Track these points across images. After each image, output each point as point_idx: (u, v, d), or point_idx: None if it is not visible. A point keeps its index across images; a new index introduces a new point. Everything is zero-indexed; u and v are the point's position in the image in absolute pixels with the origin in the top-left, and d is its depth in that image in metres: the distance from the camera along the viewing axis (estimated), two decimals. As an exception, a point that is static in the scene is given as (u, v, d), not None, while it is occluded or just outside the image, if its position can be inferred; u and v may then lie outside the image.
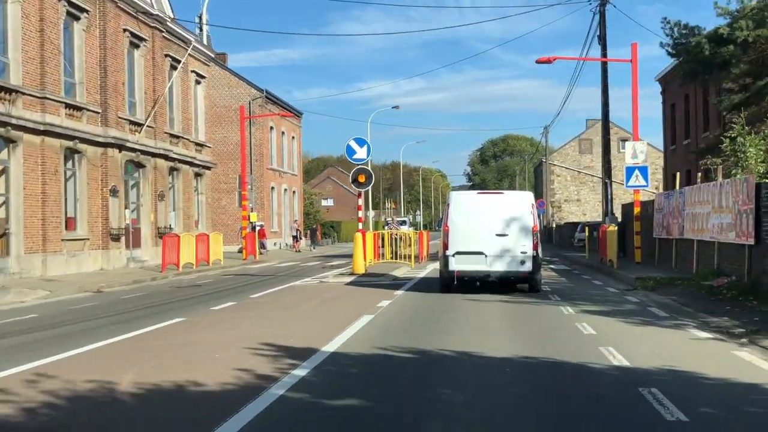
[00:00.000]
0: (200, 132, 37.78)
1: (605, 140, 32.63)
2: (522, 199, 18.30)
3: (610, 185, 32.47)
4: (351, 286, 20.14)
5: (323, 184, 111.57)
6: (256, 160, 47.69)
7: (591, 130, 73.99)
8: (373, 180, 22.57)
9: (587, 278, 23.03)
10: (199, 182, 37.77)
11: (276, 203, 50.82)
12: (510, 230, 17.43)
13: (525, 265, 17.27)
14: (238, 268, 32.24)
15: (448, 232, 17.63)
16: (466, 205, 17.95)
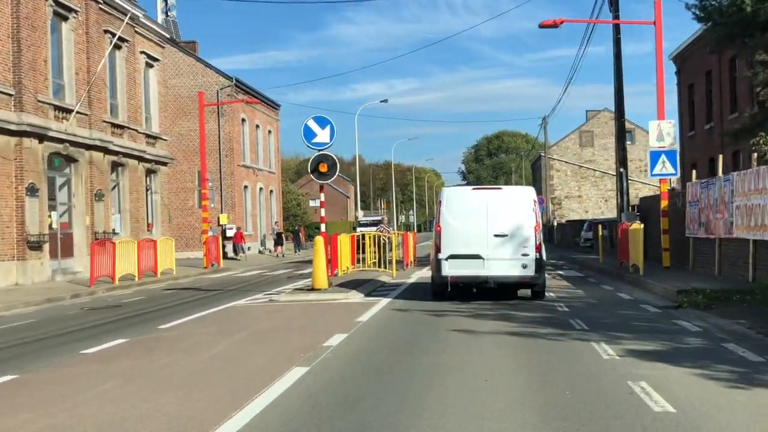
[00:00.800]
0: (153, 122, 33.02)
1: (619, 123, 27.93)
2: (522, 194, 16.32)
3: (625, 176, 27.79)
4: (306, 307, 15.42)
5: (311, 183, 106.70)
6: (225, 156, 42.95)
7: (592, 122, 69.48)
8: (338, 169, 17.86)
9: (609, 289, 18.34)
10: (153, 180, 33.02)
11: (250, 203, 46.07)
12: (509, 230, 15.57)
13: (527, 269, 15.41)
14: (191, 279, 27.52)
15: (440, 232, 15.79)
16: (461, 203, 16.05)
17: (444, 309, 14.21)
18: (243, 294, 19.29)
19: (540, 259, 15.42)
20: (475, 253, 15.39)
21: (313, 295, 16.73)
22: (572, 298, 16.37)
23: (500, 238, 15.44)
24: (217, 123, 42.79)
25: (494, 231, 15.48)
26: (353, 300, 16.31)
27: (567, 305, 14.68)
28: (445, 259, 15.49)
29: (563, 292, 17.80)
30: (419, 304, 15.35)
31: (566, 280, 21.64)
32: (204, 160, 32.81)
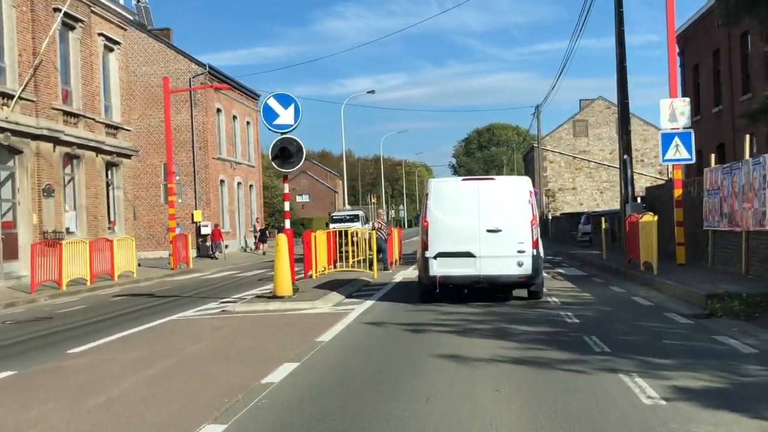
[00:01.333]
0: (114, 111, 30.31)
1: (622, 104, 25.38)
2: (517, 185, 14.87)
3: (629, 163, 25.27)
4: (261, 320, 12.84)
5: (297, 178, 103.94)
6: (199, 148, 40.31)
7: (586, 111, 66.95)
8: (304, 155, 15.26)
9: (620, 291, 15.82)
10: (115, 174, 30.33)
11: (227, 199, 43.41)
12: (504, 224, 14.25)
13: (523, 267, 14.12)
14: (152, 282, 24.90)
15: (427, 228, 14.47)
16: (449, 196, 14.72)
17: (426, 322, 11.65)
18: (198, 302, 16.70)
19: (537, 256, 14.11)
20: (466, 251, 14.09)
21: (275, 303, 14.13)
22: (580, 304, 13.83)
23: (493, 234, 14.10)
24: (190, 113, 40.19)
25: (487, 226, 14.11)
26: (320, 310, 13.72)
27: (576, 314, 12.13)
28: (432, 257, 14.18)
29: (567, 295, 15.26)
30: (398, 314, 12.82)
31: (568, 280, 19.11)
32: (170, 151, 30.13)
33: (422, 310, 13.33)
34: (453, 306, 13.74)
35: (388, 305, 14.51)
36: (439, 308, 13.46)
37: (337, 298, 15.26)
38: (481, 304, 13.97)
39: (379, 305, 14.53)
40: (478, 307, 13.61)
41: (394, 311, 13.39)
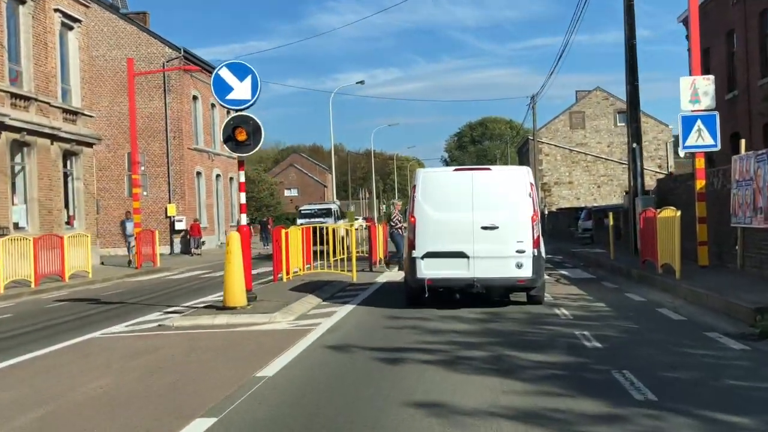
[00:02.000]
0: (73, 95, 27.67)
1: (632, 87, 22.88)
2: (516, 176, 13.24)
3: (639, 153, 22.83)
4: (201, 340, 10.31)
5: (286, 172, 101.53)
6: (173, 138, 37.70)
7: (583, 102, 64.56)
8: (263, 136, 12.71)
9: (640, 300, 13.36)
10: (74, 164, 27.71)
11: (204, 192, 40.81)
12: (501, 220, 12.66)
13: (523, 269, 12.57)
14: (108, 284, 22.43)
15: (415, 225, 12.89)
16: (440, 188, 13.13)
17: (406, 346, 9.15)
18: (141, 310, 14.16)
19: (539, 256, 12.58)
20: (459, 250, 12.54)
21: (223, 317, 11.59)
22: (596, 318, 11.33)
23: (489, 231, 12.53)
24: (164, 100, 37.56)
25: (482, 222, 12.52)
26: (277, 325, 11.17)
27: (594, 334, 9.63)
28: (420, 257, 12.64)
29: (578, 306, 12.77)
30: (373, 332, 10.32)
31: (575, 284, 16.63)
32: (135, 139, 27.50)
33: (403, 326, 10.82)
34: (442, 321, 11.25)
35: (364, 316, 12.02)
36: (424, 324, 10.96)
37: (303, 308, 12.72)
38: (476, 315, 11.56)
39: (353, 316, 12.02)
40: (472, 321, 11.12)
41: (369, 326, 10.88)
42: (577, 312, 11.90)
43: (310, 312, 12.62)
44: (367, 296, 15.24)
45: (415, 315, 11.90)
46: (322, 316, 12.08)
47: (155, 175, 37.56)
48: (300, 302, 13.13)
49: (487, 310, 12.24)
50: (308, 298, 13.88)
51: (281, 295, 14.25)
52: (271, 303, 12.73)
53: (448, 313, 12.09)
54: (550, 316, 11.49)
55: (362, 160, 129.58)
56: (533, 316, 11.62)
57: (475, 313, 11.99)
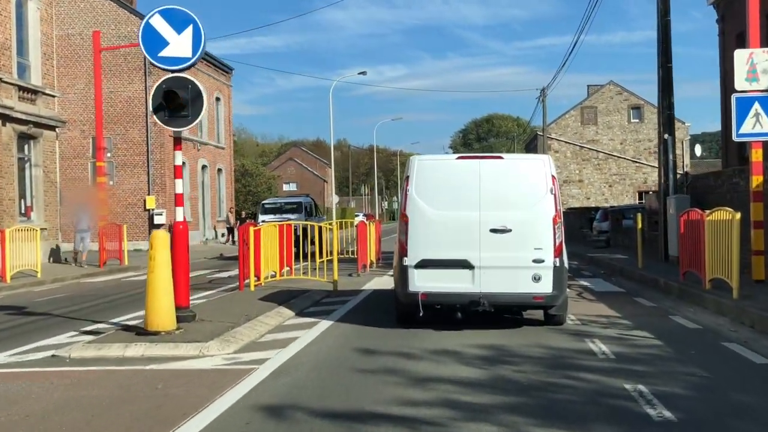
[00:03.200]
0: (32, 72, 24.67)
1: (664, 69, 19.78)
2: (534, 166, 10.48)
3: (671, 144, 19.75)
4: (92, 385, 7.29)
5: (284, 166, 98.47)
6: (154, 124, 34.63)
7: (596, 97, 61.40)
8: (204, 106, 9.72)
9: (695, 328, 10.34)
10: (32, 148, 24.74)
11: (188, 184, 37.77)
12: (515, 222, 9.98)
13: (541, 283, 9.88)
14: (56, 285, 19.52)
15: (407, 225, 10.23)
16: (439, 180, 10.38)
17: (374, 411, 6.13)
18: (49, 329, 11.12)
19: (561, 268, 10.02)
20: (461, 258, 10.00)
21: (138, 346, 8.56)
22: (647, 357, 8.29)
23: (500, 235, 10.00)
24: (144, 83, 34.51)
25: (490, 224, 9.98)
26: (205, 363, 8.11)
27: (656, 391, 6.62)
28: (413, 266, 10.10)
29: (616, 335, 9.75)
30: (339, 376, 7.32)
31: (602, 300, 13.60)
32: (100, 123, 24.48)
33: (380, 368, 7.79)
34: (435, 360, 8.23)
35: (332, 346, 9.01)
36: (410, 364, 7.95)
37: (254, 332, 9.69)
38: (482, 351, 8.58)
39: (317, 347, 9.00)
40: (475, 362, 8.10)
41: (332, 367, 7.85)
42: (617, 347, 8.86)
43: (262, 338, 9.59)
44: (347, 311, 12.29)
45: (399, 347, 8.91)
46: (274, 346, 9.05)
47: (134, 164, 34.61)
48: (253, 323, 10.10)
49: (496, 342, 9.23)
50: (268, 316, 10.86)
51: (235, 311, 11.22)
52: (213, 325, 9.70)
53: (445, 343, 9.11)
54: (582, 354, 8.47)
55: (365, 156, 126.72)
56: (560, 353, 8.59)
57: (480, 345, 9.00)
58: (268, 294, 13.90)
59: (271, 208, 30.08)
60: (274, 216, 26.94)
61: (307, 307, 12.62)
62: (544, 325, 10.65)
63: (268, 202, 31.73)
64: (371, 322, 10.90)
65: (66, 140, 33.76)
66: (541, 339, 9.47)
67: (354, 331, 10.24)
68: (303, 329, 10.27)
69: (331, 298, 14.08)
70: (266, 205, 30.97)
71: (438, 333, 10.00)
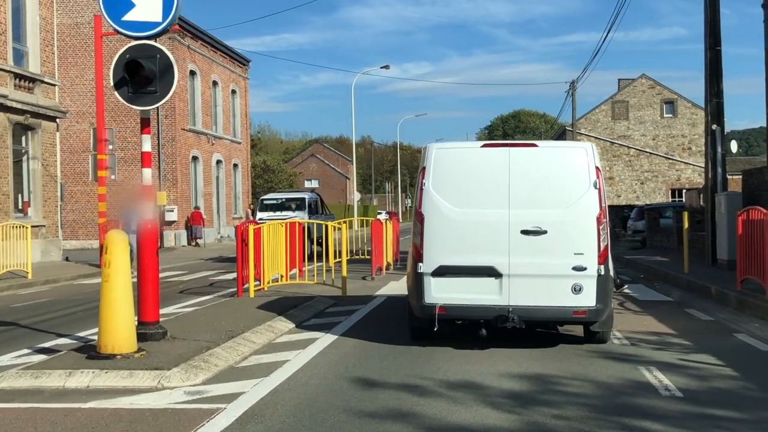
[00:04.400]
0: (30, 59, 23.22)
1: (713, 52, 17.85)
2: (575, 156, 8.68)
3: (719, 136, 17.84)
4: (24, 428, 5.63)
5: (306, 163, 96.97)
6: (165, 117, 33.23)
7: (627, 91, 59.12)
8: (175, 80, 8.09)
9: None
10: (30, 140, 23.31)
11: (201, 179, 36.33)
12: (551, 222, 8.37)
13: (582, 295, 8.25)
14: (45, 288, 18.13)
15: (422, 225, 8.58)
16: (461, 171, 8.69)
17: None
18: (13, 343, 9.54)
19: (606, 276, 8.36)
20: (487, 265, 8.43)
21: (84, 375, 6.90)
22: (724, 397, 6.53)
23: (534, 238, 8.40)
24: (155, 74, 32.96)
25: (522, 224, 8.41)
26: (159, 400, 6.38)
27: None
28: (430, 273, 8.52)
29: (676, 361, 7.98)
30: (316, 427, 5.54)
31: (649, 311, 11.80)
32: (102, 112, 22.91)
33: (379, 410, 6.08)
34: (450, 397, 6.52)
35: (326, 375, 7.32)
36: (419, 404, 6.25)
37: (234, 354, 8.02)
38: (512, 385, 6.84)
39: (306, 376, 7.30)
40: (503, 402, 6.36)
41: (319, 410, 6.14)
42: (681, 378, 7.09)
43: (244, 362, 7.90)
44: (353, 324, 10.62)
45: (410, 375, 7.21)
46: (255, 373, 7.36)
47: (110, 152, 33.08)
48: (236, 342, 8.42)
49: (529, 370, 7.49)
50: (256, 332, 9.19)
51: (220, 324, 9.55)
52: (185, 345, 8.03)
53: (467, 370, 7.42)
54: (639, 390, 6.71)
55: (389, 153, 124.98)
56: (610, 388, 6.83)
57: (510, 374, 7.27)
58: (268, 302, 12.25)
59: (270, 204, 27.05)
60: (274, 213, 24.51)
61: (307, 319, 10.94)
62: (584, 344, 8.94)
63: (267, 198, 28.57)
64: (380, 338, 9.24)
65: (74, 133, 32.44)
66: (584, 366, 7.72)
67: (357, 350, 8.55)
68: (296, 349, 8.59)
69: (338, 306, 12.40)
70: (265, 201, 27.70)
71: (458, 354, 8.32)
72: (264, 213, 25.18)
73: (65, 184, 31.21)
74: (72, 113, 32.04)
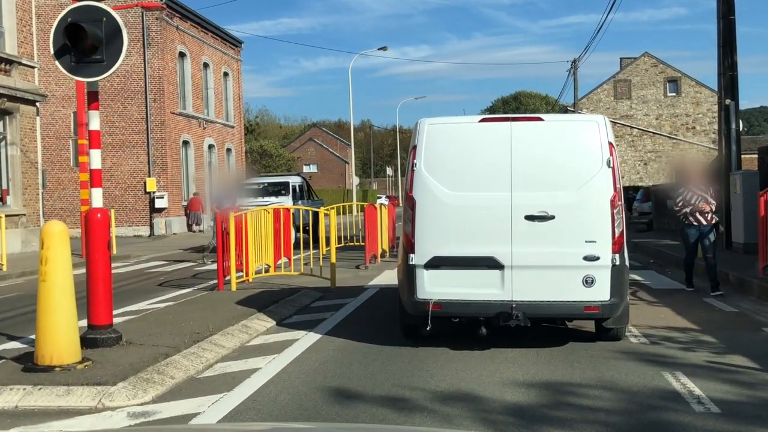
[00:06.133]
0: (6, 39, 22.10)
1: (726, 21, 16.71)
2: (585, 131, 7.63)
3: (734, 111, 16.76)
4: None
5: (304, 147, 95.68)
6: (153, 100, 32.09)
7: (629, 69, 57.90)
8: (124, 46, 7.01)
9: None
10: (8, 125, 22.22)
11: (193, 165, 35.23)
12: (560, 206, 7.37)
13: (594, 288, 7.29)
14: (16, 281, 16.95)
15: (414, 211, 7.65)
16: (456, 149, 7.69)
17: None
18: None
19: (621, 266, 7.38)
20: (487, 255, 7.44)
21: (13, 393, 5.85)
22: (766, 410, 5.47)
23: (539, 224, 7.40)
24: (143, 56, 31.91)
25: (526, 209, 7.39)
26: (99, 425, 5.38)
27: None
28: (423, 266, 7.56)
29: (704, 363, 7.03)
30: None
31: (664, 301, 10.78)
32: (82, 95, 21.67)
33: None
34: (443, 413, 5.48)
35: (305, 382, 6.38)
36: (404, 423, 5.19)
37: (198, 361, 6.99)
38: (515, 395, 5.81)
39: (282, 386, 6.30)
40: (507, 419, 5.31)
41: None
42: (713, 385, 6.08)
43: (206, 372, 6.86)
44: (340, 320, 9.63)
45: (397, 386, 6.22)
46: (216, 387, 6.32)
47: (132, 143, 32.07)
48: (201, 347, 7.39)
49: (536, 377, 6.49)
50: (226, 334, 8.16)
51: (188, 324, 8.52)
52: (140, 351, 7.00)
53: (463, 378, 6.43)
54: (667, 401, 5.71)
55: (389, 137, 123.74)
56: (632, 400, 5.82)
57: (513, 383, 6.26)
58: (249, 296, 11.25)
59: (251, 189, 24.54)
60: (255, 199, 22.26)
61: (289, 316, 9.91)
62: (596, 341, 7.95)
63: (247, 183, 25.89)
64: (367, 337, 8.25)
65: (60, 118, 31.36)
66: (599, 371, 6.70)
67: (340, 354, 7.54)
68: (271, 353, 7.57)
69: (325, 300, 11.39)
70: (246, 186, 25.21)
71: (455, 357, 7.33)
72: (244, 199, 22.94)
73: (50, 171, 30.15)
74: (56, 97, 30.96)
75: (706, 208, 11.41)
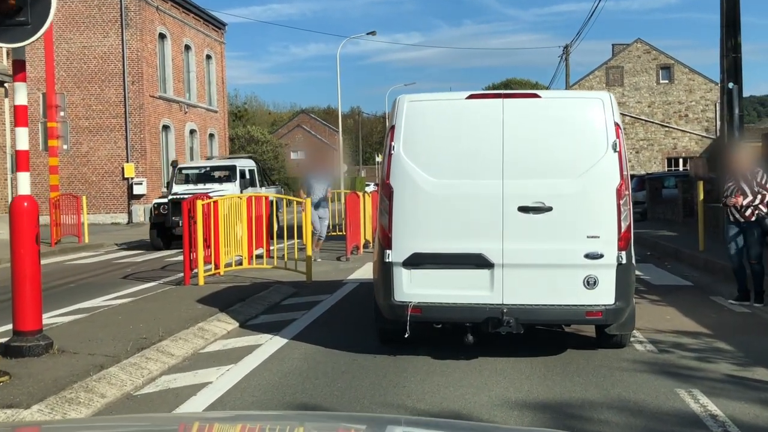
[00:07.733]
0: (-30, 16, 20.91)
1: (730, 2, 15.76)
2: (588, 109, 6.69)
3: (737, 95, 15.84)
4: None
5: (292, 134, 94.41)
6: (132, 83, 30.94)
7: (621, 56, 57.00)
8: (52, 9, 6.02)
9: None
10: (-29, 107, 21.11)
11: (174, 150, 34.11)
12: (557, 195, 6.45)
13: (597, 290, 6.37)
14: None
15: (391, 201, 6.67)
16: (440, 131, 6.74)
17: None
18: None
19: (627, 265, 6.52)
20: (474, 252, 6.49)
21: None
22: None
23: (534, 216, 6.46)
24: (120, 37, 30.73)
25: (520, 199, 6.44)
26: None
27: None
28: (401, 264, 6.59)
29: (724, 377, 6.15)
30: None
31: (667, 300, 9.89)
32: (52, 75, 20.70)
33: None
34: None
35: (259, 401, 5.35)
36: None
37: (137, 374, 6.04)
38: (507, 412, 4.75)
39: (230, 407, 5.32)
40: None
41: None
42: (740, 408, 5.18)
43: (145, 389, 5.88)
44: (311, 321, 8.69)
45: (367, 407, 5.25)
46: (154, 408, 5.37)
47: (110, 127, 30.94)
48: (144, 356, 6.43)
49: (531, 396, 5.56)
50: (177, 339, 7.20)
51: (137, 326, 7.55)
52: (72, 362, 6.02)
53: (446, 396, 5.57)
54: (684, 426, 4.78)
55: (379, 124, 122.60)
56: (642, 421, 4.91)
57: (504, 403, 5.36)
58: (213, 292, 10.28)
59: (191, 174, 21.09)
60: (195, 186, 19.41)
61: (255, 315, 8.95)
62: (597, 348, 7.04)
63: (186, 167, 22.22)
64: (339, 343, 7.31)
65: (36, 101, 30.17)
66: (602, 387, 5.78)
67: (306, 364, 6.59)
68: (227, 363, 6.61)
69: (298, 297, 10.43)
70: (185, 170, 21.46)
71: (437, 368, 6.39)
72: (182, 186, 19.92)
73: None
74: (31, 79, 29.77)
75: (740, 201, 9.35)
